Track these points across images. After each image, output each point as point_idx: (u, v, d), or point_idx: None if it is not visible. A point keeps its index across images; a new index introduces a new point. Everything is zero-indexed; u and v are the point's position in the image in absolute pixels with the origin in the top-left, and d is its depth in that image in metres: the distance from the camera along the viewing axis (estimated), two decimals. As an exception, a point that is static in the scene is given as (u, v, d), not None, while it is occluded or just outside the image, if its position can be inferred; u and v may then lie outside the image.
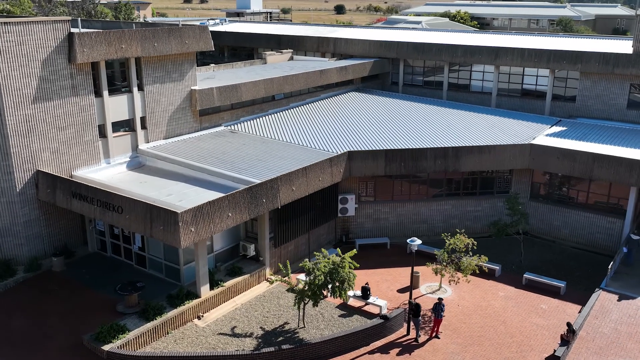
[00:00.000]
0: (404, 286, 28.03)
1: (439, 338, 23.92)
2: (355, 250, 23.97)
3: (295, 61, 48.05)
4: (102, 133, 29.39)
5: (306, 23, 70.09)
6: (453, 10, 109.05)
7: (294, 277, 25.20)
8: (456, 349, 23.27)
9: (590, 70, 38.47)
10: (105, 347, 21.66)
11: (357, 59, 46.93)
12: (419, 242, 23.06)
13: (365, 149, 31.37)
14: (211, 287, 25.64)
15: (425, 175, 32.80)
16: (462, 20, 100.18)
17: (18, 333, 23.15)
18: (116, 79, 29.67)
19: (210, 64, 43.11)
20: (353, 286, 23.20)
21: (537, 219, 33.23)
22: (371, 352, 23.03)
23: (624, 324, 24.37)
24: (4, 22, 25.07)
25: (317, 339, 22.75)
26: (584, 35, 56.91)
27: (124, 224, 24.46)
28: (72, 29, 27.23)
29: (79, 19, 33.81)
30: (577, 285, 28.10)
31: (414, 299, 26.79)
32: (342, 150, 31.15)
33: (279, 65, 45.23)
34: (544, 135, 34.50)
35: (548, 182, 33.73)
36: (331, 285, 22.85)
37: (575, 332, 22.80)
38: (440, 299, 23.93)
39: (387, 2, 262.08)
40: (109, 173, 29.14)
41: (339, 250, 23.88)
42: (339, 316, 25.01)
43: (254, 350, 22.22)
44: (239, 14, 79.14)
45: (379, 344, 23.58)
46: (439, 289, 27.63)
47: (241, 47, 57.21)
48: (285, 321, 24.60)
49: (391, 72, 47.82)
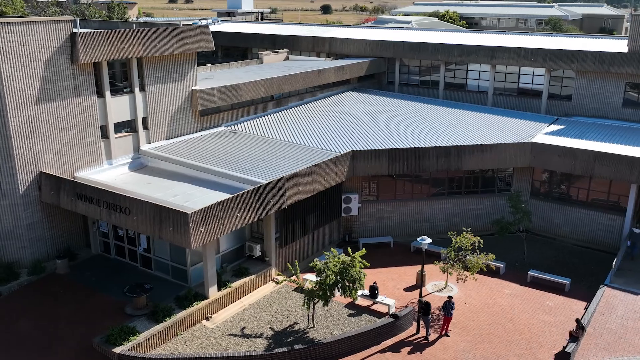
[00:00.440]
0: (410, 285, 28.12)
1: (448, 336, 24.02)
2: (364, 249, 23.93)
3: (292, 61, 47.98)
4: (104, 134, 29.12)
5: (300, 23, 69.95)
6: (442, 10, 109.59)
7: (300, 277, 25.12)
8: (466, 346, 23.38)
9: (586, 69, 38.85)
10: (117, 350, 21.46)
11: (352, 59, 46.95)
12: (429, 240, 23.15)
13: (367, 148, 31.41)
14: (219, 288, 25.52)
15: (428, 174, 32.92)
16: (451, 20, 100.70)
17: (26, 337, 22.87)
18: (117, 79, 29.44)
19: (207, 64, 42.88)
20: (363, 285, 23.23)
21: (538, 217, 33.47)
22: (382, 351, 23.07)
23: (630, 319, 24.65)
24: (7, 22, 24.76)
25: (330, 339, 22.73)
26: (579, 34, 57.49)
27: (131, 225, 24.25)
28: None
29: (77, 19, 33.44)
30: (580, 282, 28.37)
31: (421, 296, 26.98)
32: (343, 150, 31.18)
33: (276, 65, 45.14)
34: (543, 134, 34.78)
35: (548, 180, 34.02)
36: (341, 284, 22.86)
37: (584, 329, 23.01)
38: (450, 297, 24.03)
39: (372, 2, 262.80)
40: (112, 174, 28.89)
41: (349, 249, 23.90)
42: (347, 315, 25.01)
43: (266, 350, 22.15)
44: (230, 14, 78.89)
45: (389, 342, 23.64)
46: (445, 287, 27.75)
47: (234, 47, 56.96)
48: (295, 321, 24.56)
49: (387, 72, 47.90)
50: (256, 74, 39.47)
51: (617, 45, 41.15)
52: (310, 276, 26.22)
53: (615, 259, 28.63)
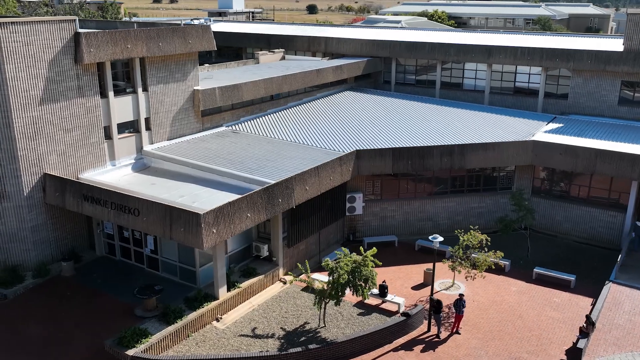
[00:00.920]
0: (417, 283, 28.22)
1: (459, 334, 24.14)
2: (375, 248, 23.94)
3: (289, 61, 47.89)
4: (107, 135, 28.87)
5: (293, 23, 69.86)
6: (430, 9, 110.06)
7: (305, 276, 25.03)
8: (478, 344, 23.51)
9: (582, 67, 39.25)
10: (130, 352, 21.25)
11: (349, 59, 46.98)
12: (440, 239, 23.22)
13: (368, 147, 31.45)
14: (228, 289, 25.40)
15: (431, 173, 33.04)
16: (439, 20, 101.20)
17: (35, 340, 22.58)
18: (119, 79, 29.18)
19: (205, 64, 42.64)
20: (376, 284, 23.27)
21: (539, 214, 33.71)
22: (395, 350, 23.13)
23: (638, 314, 24.95)
24: (11, 22, 24.45)
25: (344, 338, 22.73)
26: (575, 34, 57.98)
27: (140, 226, 24.06)
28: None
29: (77, 19, 33.07)
30: (584, 279, 28.63)
31: (429, 295, 27.06)
32: (347, 149, 31.22)
33: (274, 65, 45.04)
34: (543, 132, 35.09)
35: (550, 178, 34.31)
36: (353, 283, 22.86)
37: (594, 324, 23.24)
38: (461, 295, 24.14)
39: (357, 2, 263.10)
40: (116, 175, 28.65)
41: (361, 248, 23.93)
42: (358, 315, 25.02)
43: (280, 351, 22.09)
44: (221, 14, 78.56)
45: (401, 341, 23.70)
46: (452, 285, 27.87)
47: (227, 47, 56.69)
48: (305, 321, 24.52)
49: (383, 71, 48.01)
50: (255, 73, 39.36)
51: (612, 44, 41.63)
52: (317, 275, 26.17)
53: (619, 255, 28.98)
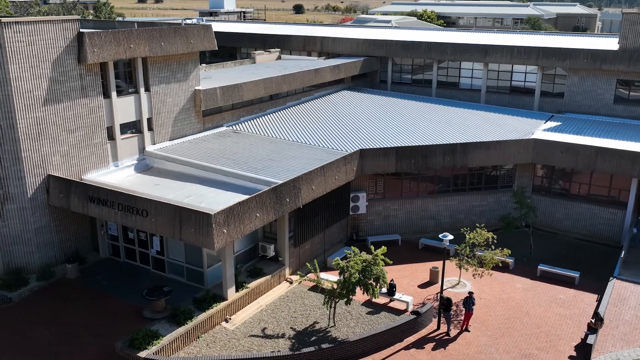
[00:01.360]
0: (423, 282, 28.31)
1: (469, 331, 24.25)
2: (385, 247, 23.98)
3: (285, 60, 47.81)
4: (110, 135, 28.64)
5: (286, 22, 69.78)
6: (416, 9, 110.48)
7: (313, 275, 25.04)
8: (488, 341, 23.64)
9: (578, 66, 39.60)
10: (142, 354, 21.09)
11: (344, 58, 47.01)
12: (450, 237, 23.28)
13: (370, 146, 31.48)
14: (236, 289, 25.30)
15: (433, 171, 33.15)
16: (429, 19, 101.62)
17: (43, 343, 22.30)
18: (122, 79, 28.94)
19: (202, 64, 42.42)
20: (387, 282, 23.32)
21: (540, 212, 33.91)
22: (407, 348, 23.18)
23: (643, 310, 25.28)
24: (15, 22, 24.16)
25: (356, 337, 22.73)
26: (570, 33, 58.56)
27: (149, 227, 23.88)
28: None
29: (79, 19, 32.77)
30: (587, 275, 28.90)
31: (436, 293, 27.19)
32: (348, 148, 31.28)
33: (271, 64, 44.94)
34: (542, 130, 35.40)
35: (550, 176, 34.58)
36: (363, 282, 22.87)
37: (603, 320, 23.47)
38: (470, 293, 24.26)
39: (342, 2, 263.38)
40: (119, 176, 28.42)
41: (372, 247, 23.95)
42: (366, 313, 25.05)
43: (293, 351, 22.04)
44: (212, 14, 78.25)
45: (412, 339, 23.77)
46: (458, 283, 28.00)
47: (221, 47, 56.25)
48: (315, 320, 24.50)
49: (379, 71, 48.10)
50: (253, 73, 39.24)
51: (607, 43, 42.11)
52: (324, 275, 26.12)
53: (622, 251, 29.30)
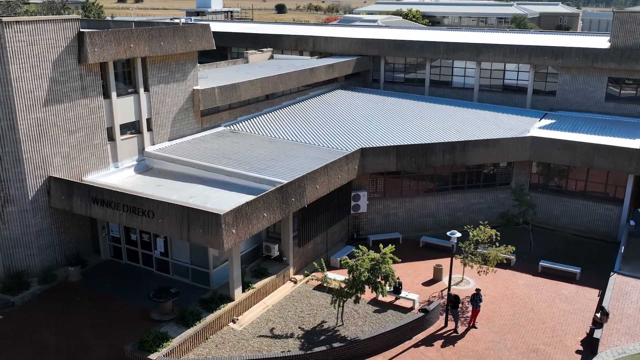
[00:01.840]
0: (427, 279, 28.43)
1: (476, 328, 24.43)
2: (392, 245, 24.03)
3: (278, 60, 47.70)
4: (110, 136, 28.33)
5: (276, 22, 69.61)
6: (404, 8, 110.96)
7: (320, 274, 25.05)
8: (495, 337, 23.83)
9: (570, 64, 40.06)
10: (153, 357, 20.87)
11: (337, 57, 47.03)
12: (458, 234, 23.44)
13: (369, 145, 31.54)
14: (243, 290, 25.19)
15: (432, 169, 33.31)
16: (414, 19, 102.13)
17: (50, 348, 21.96)
18: (121, 80, 28.64)
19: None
20: (396, 281, 23.39)
21: (537, 209, 34.20)
22: (416, 345, 23.28)
23: (645, 304, 25.68)
24: (15, 22, 23.79)
25: (366, 335, 22.76)
26: (559, 32, 59.16)
27: (155, 228, 23.66)
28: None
29: (80, 18, 32.38)
30: (587, 270, 29.25)
31: (441, 291, 27.38)
32: (347, 147, 31.34)
33: (265, 64, 44.80)
34: (537, 128, 35.77)
35: (547, 173, 34.94)
36: (372, 281, 22.90)
37: (608, 315, 23.78)
38: (478, 290, 24.43)
39: (324, 2, 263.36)
40: (119, 177, 28.12)
41: (380, 245, 23.99)
42: (373, 312, 25.09)
43: (305, 350, 22.00)
44: (199, 13, 77.75)
45: (421, 337, 23.87)
46: (461, 281, 28.17)
47: (211, 46, 56.05)
48: (322, 320, 24.48)
49: (372, 70, 48.20)
50: (249, 73, 39.10)
51: (598, 41, 42.70)
52: (330, 274, 26.08)
53: (621, 246, 29.72)
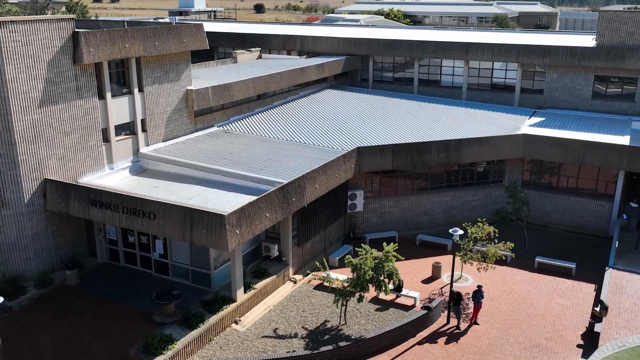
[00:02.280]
0: (426, 277, 28.59)
1: (478, 324, 24.63)
2: (396, 244, 24.10)
3: (267, 59, 47.52)
4: (105, 137, 27.96)
5: (262, 22, 69.35)
6: (385, 8, 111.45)
7: (320, 274, 25.06)
8: (497, 333, 24.06)
9: (557, 63, 40.58)
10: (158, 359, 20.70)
11: (325, 57, 47.05)
12: (460, 232, 23.61)
13: (364, 144, 31.58)
14: (244, 290, 25.06)
15: (427, 168, 33.49)
16: (395, 18, 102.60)
17: (51, 353, 21.59)
18: (115, 80, 28.29)
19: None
20: (400, 279, 23.47)
21: (530, 205, 34.67)
22: (420, 343, 23.40)
23: (641, 298, 26.15)
24: (10, 21, 23.36)
25: (372, 334, 22.80)
26: (547, 31, 59.85)
27: (156, 230, 23.42)
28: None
29: (74, 18, 31.88)
30: (581, 265, 29.67)
31: (441, 288, 27.56)
32: (343, 146, 31.37)
33: (254, 64, 44.63)
34: (528, 126, 36.19)
35: (539, 170, 35.35)
36: (375, 280, 22.95)
37: (607, 309, 24.15)
38: (479, 287, 24.63)
39: (302, 1, 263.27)
40: (114, 179, 27.77)
41: (384, 244, 24.05)
42: (375, 310, 25.14)
43: (311, 350, 21.97)
44: (182, 13, 77.12)
45: (424, 334, 23.99)
46: (460, 278, 28.37)
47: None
48: (325, 319, 24.46)
49: (360, 69, 48.31)
50: (239, 72, 38.90)
51: (584, 40, 43.36)
52: (332, 273, 26.08)
53: (614, 241, 30.19)
